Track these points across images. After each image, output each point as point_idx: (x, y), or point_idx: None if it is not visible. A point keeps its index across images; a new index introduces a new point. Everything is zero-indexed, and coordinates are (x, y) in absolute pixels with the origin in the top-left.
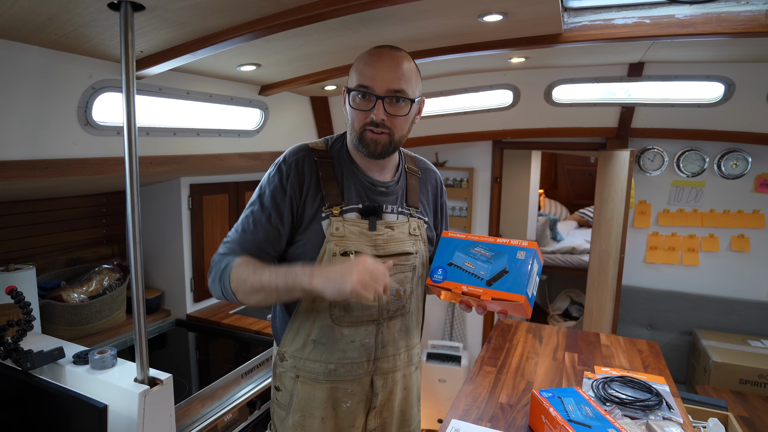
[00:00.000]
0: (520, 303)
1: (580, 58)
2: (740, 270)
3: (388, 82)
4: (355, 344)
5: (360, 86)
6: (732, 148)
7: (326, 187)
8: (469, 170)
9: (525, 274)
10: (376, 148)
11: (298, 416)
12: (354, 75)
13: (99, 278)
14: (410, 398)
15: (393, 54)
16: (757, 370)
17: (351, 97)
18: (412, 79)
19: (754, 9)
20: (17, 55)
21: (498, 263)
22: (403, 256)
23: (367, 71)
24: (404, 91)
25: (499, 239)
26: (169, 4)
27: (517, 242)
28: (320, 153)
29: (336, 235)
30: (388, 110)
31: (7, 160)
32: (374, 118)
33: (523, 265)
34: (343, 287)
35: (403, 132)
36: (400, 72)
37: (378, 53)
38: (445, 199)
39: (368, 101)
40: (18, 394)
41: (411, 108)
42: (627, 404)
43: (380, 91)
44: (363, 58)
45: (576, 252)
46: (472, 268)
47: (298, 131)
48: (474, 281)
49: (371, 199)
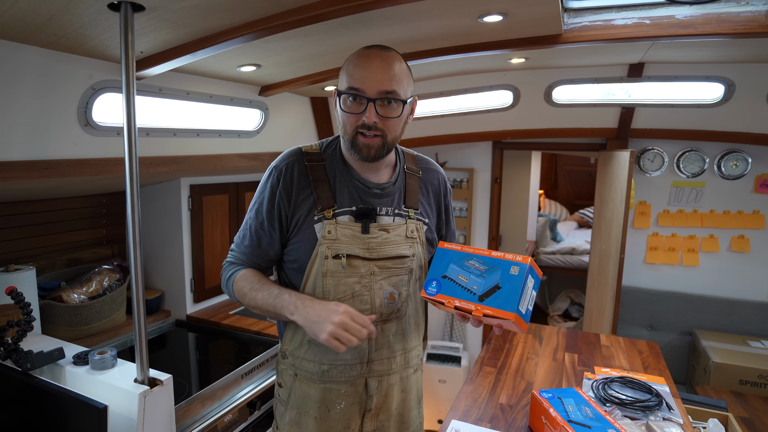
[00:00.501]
0: (510, 321)
1: (580, 58)
2: (740, 270)
3: (379, 83)
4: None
5: (350, 89)
6: (732, 149)
7: (318, 190)
8: (469, 171)
9: (517, 290)
10: (369, 153)
11: (295, 413)
12: (344, 77)
13: (99, 279)
14: (409, 400)
15: (383, 54)
16: (757, 370)
17: (342, 100)
18: (403, 80)
19: (754, 9)
20: (17, 55)
21: (491, 278)
22: (399, 259)
23: (357, 73)
24: (396, 92)
25: (494, 252)
26: (169, 4)
27: (511, 257)
28: (312, 156)
29: (328, 238)
30: (380, 112)
31: (7, 161)
32: (366, 121)
33: (516, 281)
34: (319, 335)
35: (396, 133)
36: (391, 73)
37: (367, 54)
38: (449, 200)
39: (359, 104)
40: (18, 394)
41: (403, 109)
42: (627, 405)
43: (371, 93)
44: (352, 60)
45: (576, 252)
46: (466, 282)
47: (298, 132)
48: (467, 296)
49: (365, 202)
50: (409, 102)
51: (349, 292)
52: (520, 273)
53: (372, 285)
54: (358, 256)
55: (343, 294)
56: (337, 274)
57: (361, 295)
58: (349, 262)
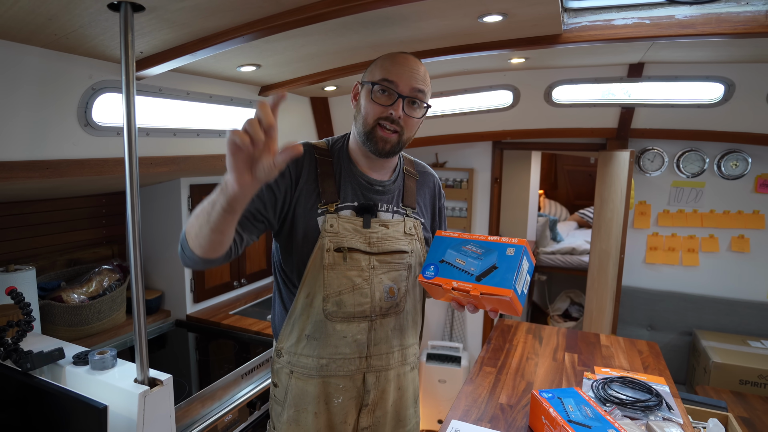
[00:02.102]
0: (507, 298)
1: (580, 58)
2: (740, 270)
3: (413, 80)
4: (347, 340)
5: (385, 80)
6: (732, 149)
7: (323, 184)
8: (469, 171)
9: (513, 269)
10: (385, 147)
11: (293, 411)
12: (377, 70)
13: (99, 279)
14: (405, 398)
15: (417, 60)
16: (757, 370)
17: (371, 91)
18: (428, 86)
19: (753, 9)
20: (17, 55)
21: (488, 259)
22: (398, 254)
23: (393, 68)
24: (424, 93)
25: (490, 237)
26: (169, 4)
27: (507, 239)
28: (321, 151)
29: (330, 231)
30: (406, 110)
31: (7, 161)
32: (393, 114)
33: (512, 261)
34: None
35: (411, 133)
36: (423, 75)
37: (404, 55)
38: (443, 203)
39: (389, 97)
40: (18, 394)
41: (424, 113)
42: (627, 405)
43: (404, 89)
44: (389, 57)
45: (576, 252)
46: (463, 265)
47: (298, 132)
48: (464, 277)
49: (367, 198)
50: (428, 109)
51: (350, 285)
52: (516, 253)
53: (372, 278)
54: (359, 249)
55: (344, 287)
56: (338, 267)
57: (361, 288)
58: (350, 255)
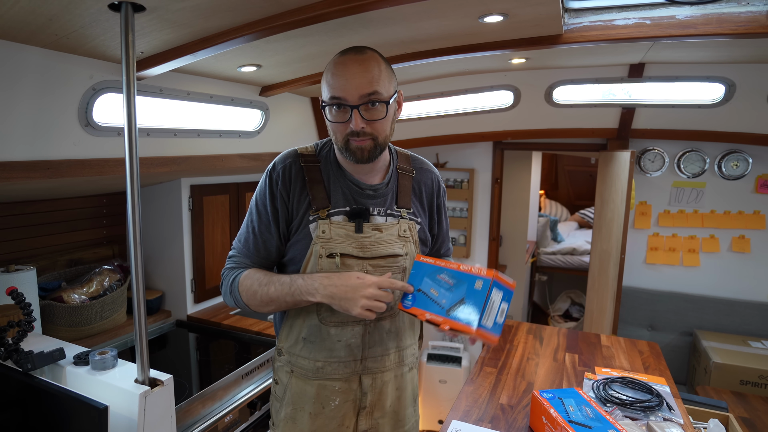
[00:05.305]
0: (471, 335)
1: (580, 58)
2: (741, 271)
3: (359, 88)
4: (342, 344)
5: (333, 98)
6: (732, 149)
7: (313, 191)
8: (470, 171)
9: (479, 304)
10: (363, 155)
11: (290, 409)
12: (325, 87)
13: (99, 279)
14: (404, 399)
15: (359, 58)
16: (757, 371)
17: (327, 111)
18: (383, 79)
19: (754, 10)
20: (18, 55)
21: (458, 292)
22: (391, 258)
23: (335, 82)
24: (378, 93)
25: (462, 266)
26: (170, 4)
27: (477, 270)
28: (308, 158)
29: (322, 238)
30: (365, 116)
31: (8, 161)
32: (353, 128)
33: (480, 296)
34: (351, 310)
35: (385, 133)
36: (369, 76)
37: (343, 61)
38: (443, 200)
39: (344, 112)
40: (18, 395)
41: (388, 109)
42: (627, 405)
43: (353, 100)
44: (330, 69)
45: (576, 253)
46: (436, 296)
47: (299, 132)
48: (436, 309)
49: (358, 202)
50: (394, 99)
51: None
52: (483, 287)
53: None
54: (352, 255)
55: None
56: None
57: None
58: (342, 261)
